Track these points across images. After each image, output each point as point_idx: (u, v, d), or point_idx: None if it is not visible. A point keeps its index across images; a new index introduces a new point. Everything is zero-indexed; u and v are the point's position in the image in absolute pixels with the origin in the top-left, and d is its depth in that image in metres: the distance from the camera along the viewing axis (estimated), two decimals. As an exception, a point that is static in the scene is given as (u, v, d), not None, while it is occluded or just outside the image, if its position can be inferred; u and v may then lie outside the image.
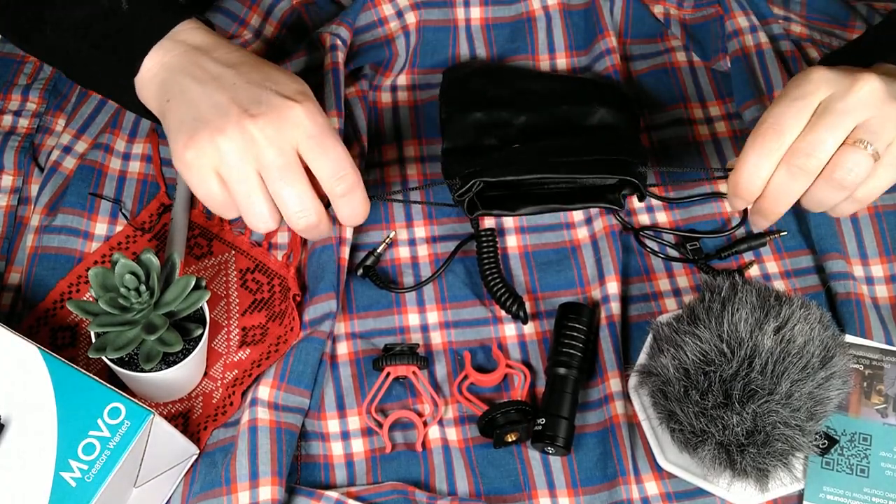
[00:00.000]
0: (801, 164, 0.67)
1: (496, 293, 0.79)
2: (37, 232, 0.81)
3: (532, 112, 0.85)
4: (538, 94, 0.87)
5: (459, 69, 0.91)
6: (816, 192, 0.69)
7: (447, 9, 0.92)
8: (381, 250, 0.82)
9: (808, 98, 0.67)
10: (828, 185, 0.68)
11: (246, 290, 0.81)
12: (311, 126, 0.68)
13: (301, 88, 0.70)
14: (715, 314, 0.68)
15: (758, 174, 0.68)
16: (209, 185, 0.68)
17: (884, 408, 0.74)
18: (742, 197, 0.70)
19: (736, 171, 0.69)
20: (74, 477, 0.62)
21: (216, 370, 0.77)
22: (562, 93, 0.87)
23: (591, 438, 0.75)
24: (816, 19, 0.95)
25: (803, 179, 0.67)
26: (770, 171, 0.68)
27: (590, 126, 0.85)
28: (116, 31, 0.71)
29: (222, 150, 0.66)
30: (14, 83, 0.90)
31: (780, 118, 0.67)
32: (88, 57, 0.73)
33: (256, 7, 0.93)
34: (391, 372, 0.76)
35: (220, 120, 0.66)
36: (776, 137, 0.67)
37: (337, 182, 0.69)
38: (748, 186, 0.69)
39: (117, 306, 0.68)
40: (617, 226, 0.83)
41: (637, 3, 0.95)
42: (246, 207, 0.68)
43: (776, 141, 0.67)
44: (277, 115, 0.67)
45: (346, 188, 0.69)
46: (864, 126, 0.66)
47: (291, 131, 0.67)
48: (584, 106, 0.85)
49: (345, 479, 0.73)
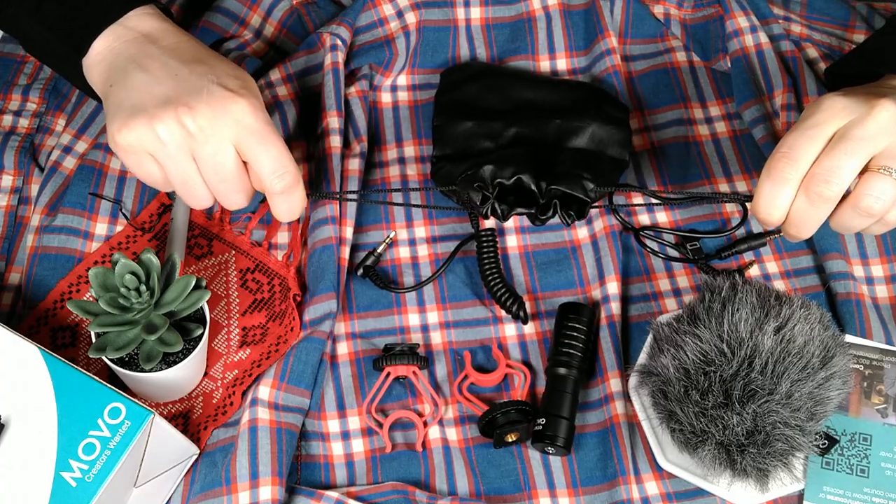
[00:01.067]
0: (819, 191, 0.65)
1: (496, 293, 0.79)
2: (37, 232, 0.81)
3: (523, 125, 0.84)
4: (532, 106, 0.86)
5: (456, 72, 0.90)
6: (845, 219, 0.68)
7: (447, 9, 0.92)
8: (381, 250, 0.82)
9: (823, 126, 0.66)
10: (855, 212, 0.67)
11: (246, 290, 0.81)
12: (252, 121, 0.68)
13: (244, 83, 0.70)
14: (715, 314, 0.68)
15: (774, 203, 0.67)
16: (146, 167, 0.69)
17: (884, 408, 0.74)
18: (765, 223, 0.69)
19: (754, 201, 0.68)
20: (75, 477, 0.62)
21: (216, 370, 0.77)
22: (556, 105, 0.86)
23: (591, 438, 0.75)
24: (816, 19, 0.95)
25: (824, 206, 0.66)
26: (787, 199, 0.67)
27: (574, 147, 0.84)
28: (70, 12, 0.72)
29: (159, 138, 0.67)
30: (14, 83, 0.90)
31: (794, 146, 0.66)
32: (41, 36, 0.73)
33: (256, 7, 0.93)
34: (391, 372, 0.76)
35: (159, 108, 0.67)
36: (790, 165, 0.66)
37: (276, 179, 0.69)
38: (767, 215, 0.68)
39: (117, 306, 0.68)
40: (617, 226, 0.83)
41: (637, 3, 0.95)
42: (182, 191, 0.70)
43: (790, 169, 0.66)
44: (217, 109, 0.67)
45: (285, 185, 0.70)
46: (886, 153, 0.65)
47: (230, 126, 0.67)
48: (577, 121, 0.84)
49: (345, 479, 0.73)
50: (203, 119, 0.67)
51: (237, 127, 0.68)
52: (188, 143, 0.67)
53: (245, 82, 0.70)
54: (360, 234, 0.84)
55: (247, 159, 0.69)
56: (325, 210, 0.80)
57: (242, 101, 0.68)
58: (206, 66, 0.70)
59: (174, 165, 0.68)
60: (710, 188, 0.87)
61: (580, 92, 0.88)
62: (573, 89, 0.88)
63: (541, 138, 0.84)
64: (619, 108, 0.87)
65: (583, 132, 0.84)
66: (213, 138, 0.67)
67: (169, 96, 0.67)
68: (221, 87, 0.68)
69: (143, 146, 0.67)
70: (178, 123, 0.66)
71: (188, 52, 0.71)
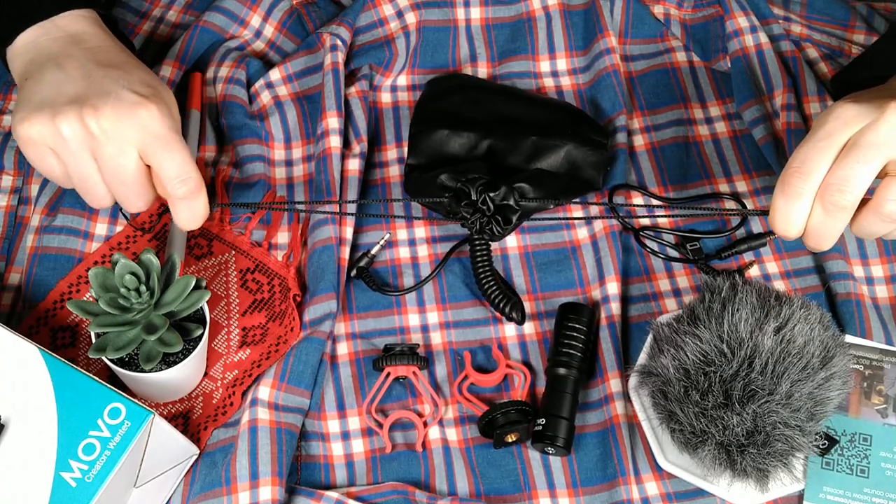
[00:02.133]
0: (835, 201, 0.65)
1: (489, 295, 0.78)
2: (37, 232, 0.81)
3: (498, 139, 0.84)
4: (511, 120, 0.86)
5: (442, 82, 0.90)
6: (867, 225, 0.68)
7: (447, 9, 0.92)
8: (376, 251, 0.82)
9: (834, 136, 0.66)
10: (878, 218, 0.67)
11: (246, 290, 0.81)
12: (157, 128, 0.69)
13: (156, 90, 0.71)
14: (715, 314, 0.68)
15: (790, 218, 0.67)
16: (46, 161, 0.70)
17: (884, 408, 0.74)
18: (784, 237, 0.69)
19: (770, 216, 0.68)
20: (74, 477, 0.62)
21: (216, 370, 0.77)
22: (535, 122, 0.86)
23: (591, 438, 0.75)
24: (816, 19, 0.95)
25: (841, 216, 0.66)
26: (804, 212, 0.67)
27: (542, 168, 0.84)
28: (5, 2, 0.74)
29: (61, 134, 0.68)
30: (14, 83, 0.90)
31: (806, 159, 0.66)
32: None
33: (256, 7, 0.93)
34: (391, 372, 0.76)
35: (64, 105, 0.68)
36: (803, 179, 0.66)
37: (178, 185, 0.70)
38: (785, 231, 0.68)
39: (117, 306, 0.68)
40: (617, 226, 0.83)
41: (637, 3, 0.95)
42: (81, 189, 0.72)
43: (803, 183, 0.66)
44: (122, 113, 0.68)
45: (187, 191, 0.71)
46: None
47: (135, 130, 0.69)
48: (553, 139, 0.84)
49: (345, 480, 0.73)
50: (107, 121, 0.68)
51: (142, 132, 0.69)
52: (89, 143, 0.68)
53: (156, 89, 0.72)
54: (360, 234, 0.84)
55: (150, 164, 0.70)
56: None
57: (151, 107, 0.69)
58: (121, 70, 0.71)
59: (74, 162, 0.69)
60: (710, 188, 0.87)
61: (561, 112, 0.87)
62: (554, 109, 0.88)
63: (514, 153, 0.84)
64: (599, 131, 0.86)
65: (557, 151, 0.84)
66: (116, 141, 0.68)
67: (78, 95, 0.68)
68: (132, 91, 0.69)
69: (44, 140, 0.69)
70: (81, 123, 0.68)
71: (108, 56, 0.73)
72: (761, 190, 0.86)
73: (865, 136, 0.65)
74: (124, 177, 0.70)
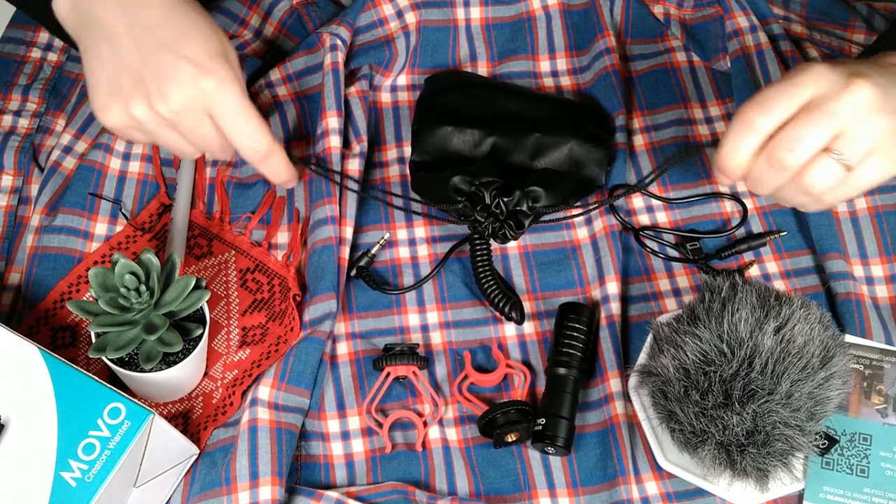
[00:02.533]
0: (781, 158, 0.66)
1: (489, 295, 0.78)
2: (37, 232, 0.81)
3: (501, 136, 0.84)
4: (513, 117, 0.86)
5: (441, 79, 0.90)
6: (784, 190, 0.69)
7: (447, 9, 0.92)
8: (376, 251, 0.82)
9: (801, 88, 0.66)
10: (795, 187, 0.68)
11: (246, 290, 0.81)
12: (221, 98, 0.69)
13: (217, 48, 0.71)
14: (715, 314, 0.68)
15: (737, 150, 0.68)
16: (137, 138, 0.72)
17: (884, 408, 0.74)
18: (725, 174, 0.70)
19: (720, 147, 0.69)
20: (74, 477, 0.62)
21: (216, 370, 0.77)
22: (537, 118, 0.86)
23: (591, 438, 0.75)
24: (816, 19, 0.95)
25: (782, 173, 0.67)
26: (750, 148, 0.68)
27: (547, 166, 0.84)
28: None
29: (137, 119, 0.69)
30: (14, 83, 0.90)
31: (769, 98, 0.67)
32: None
33: (256, 7, 0.93)
34: (391, 372, 0.76)
35: (131, 90, 0.69)
36: (762, 115, 0.67)
37: (250, 153, 0.73)
38: (728, 160, 0.69)
39: (117, 306, 0.68)
40: (617, 226, 0.83)
41: (637, 3, 0.95)
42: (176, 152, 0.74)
43: (762, 119, 0.67)
44: (186, 90, 0.68)
45: (257, 156, 0.73)
46: (844, 134, 0.65)
47: (202, 101, 0.69)
48: (556, 136, 0.84)
49: (345, 479, 0.73)
50: (175, 104, 0.69)
51: (209, 102, 0.69)
52: (166, 123, 0.70)
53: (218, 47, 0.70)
54: (360, 234, 0.84)
55: (223, 130, 0.71)
56: (325, 210, 0.80)
57: (213, 78, 0.69)
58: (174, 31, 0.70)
59: (158, 138, 0.72)
60: (710, 188, 0.87)
61: (565, 108, 0.87)
62: (557, 105, 0.88)
63: (518, 150, 0.84)
64: (604, 127, 0.86)
65: (560, 147, 0.84)
66: (188, 116, 0.69)
67: (139, 75, 0.68)
68: (189, 62, 0.69)
69: (126, 124, 0.70)
70: (151, 109, 0.69)
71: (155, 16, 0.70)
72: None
73: (827, 103, 0.65)
74: (207, 140, 0.72)
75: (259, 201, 0.84)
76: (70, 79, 0.91)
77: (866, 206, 0.85)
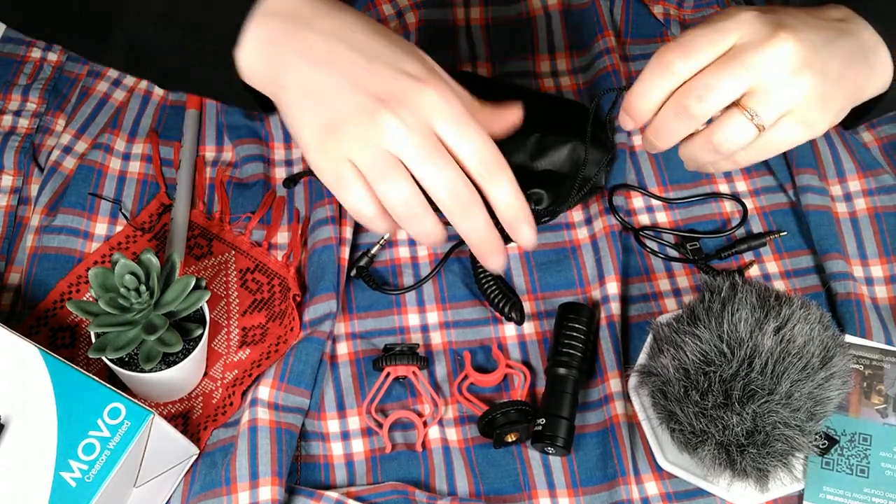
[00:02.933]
0: (689, 105, 0.62)
1: (488, 295, 0.79)
2: (37, 232, 0.81)
3: None
4: None
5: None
6: (692, 146, 0.66)
7: (447, 9, 0.92)
8: (376, 251, 0.82)
9: (725, 35, 0.62)
10: (704, 144, 0.64)
11: (246, 290, 0.81)
12: (447, 108, 0.61)
13: (429, 64, 0.64)
14: (715, 314, 0.68)
15: (648, 93, 0.64)
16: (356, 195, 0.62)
17: (884, 408, 0.74)
18: (630, 116, 0.66)
19: (633, 86, 0.65)
20: (74, 477, 0.62)
21: (216, 370, 0.77)
22: (538, 119, 0.84)
23: (591, 438, 0.75)
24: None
25: (688, 122, 0.63)
26: (662, 92, 0.63)
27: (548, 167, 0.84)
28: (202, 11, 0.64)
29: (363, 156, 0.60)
30: (14, 83, 0.90)
31: (691, 41, 0.62)
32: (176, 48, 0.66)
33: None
34: (391, 372, 0.76)
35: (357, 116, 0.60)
36: (681, 57, 0.62)
37: (483, 166, 0.62)
38: (637, 102, 0.65)
39: (117, 306, 0.68)
40: (617, 226, 0.83)
41: (637, 3, 0.95)
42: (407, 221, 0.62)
43: (680, 61, 0.62)
44: (412, 102, 0.61)
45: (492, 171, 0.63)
46: (760, 90, 0.62)
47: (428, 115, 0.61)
48: (556, 137, 0.83)
49: (345, 480, 0.73)
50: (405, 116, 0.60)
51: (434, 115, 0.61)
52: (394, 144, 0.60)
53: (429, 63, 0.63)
54: (360, 234, 0.84)
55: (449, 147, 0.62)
56: (325, 210, 0.80)
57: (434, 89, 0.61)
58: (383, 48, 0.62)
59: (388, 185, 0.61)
60: (710, 188, 0.87)
61: (566, 108, 0.87)
62: (559, 105, 0.87)
63: (518, 150, 0.84)
64: (604, 127, 0.86)
65: (561, 148, 0.83)
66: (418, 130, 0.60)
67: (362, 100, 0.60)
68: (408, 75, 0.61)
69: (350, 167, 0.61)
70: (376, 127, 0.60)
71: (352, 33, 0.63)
72: (761, 190, 0.86)
73: (747, 53, 0.61)
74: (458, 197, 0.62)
75: (259, 201, 0.84)
76: (70, 79, 0.91)
77: (866, 206, 0.85)
